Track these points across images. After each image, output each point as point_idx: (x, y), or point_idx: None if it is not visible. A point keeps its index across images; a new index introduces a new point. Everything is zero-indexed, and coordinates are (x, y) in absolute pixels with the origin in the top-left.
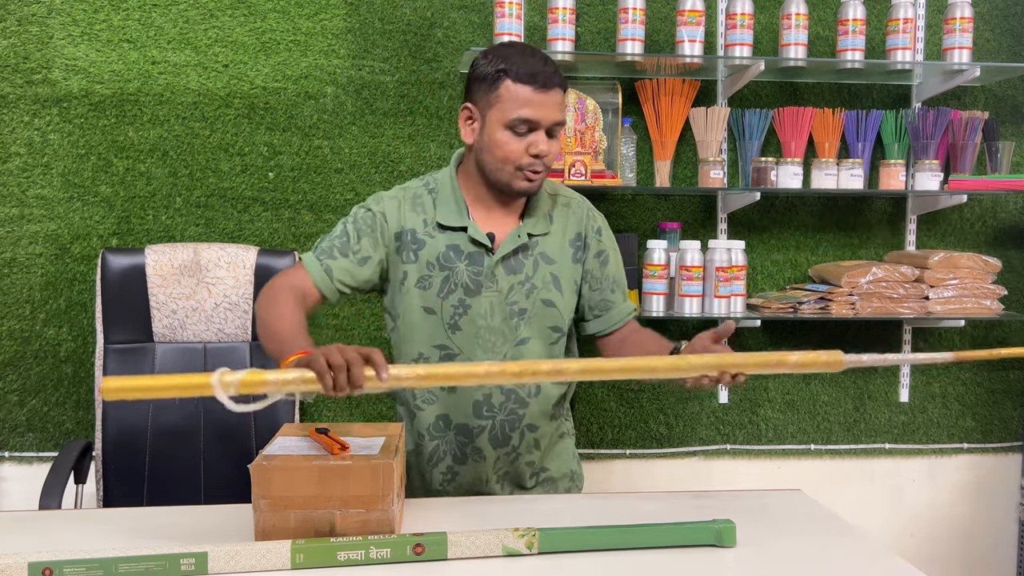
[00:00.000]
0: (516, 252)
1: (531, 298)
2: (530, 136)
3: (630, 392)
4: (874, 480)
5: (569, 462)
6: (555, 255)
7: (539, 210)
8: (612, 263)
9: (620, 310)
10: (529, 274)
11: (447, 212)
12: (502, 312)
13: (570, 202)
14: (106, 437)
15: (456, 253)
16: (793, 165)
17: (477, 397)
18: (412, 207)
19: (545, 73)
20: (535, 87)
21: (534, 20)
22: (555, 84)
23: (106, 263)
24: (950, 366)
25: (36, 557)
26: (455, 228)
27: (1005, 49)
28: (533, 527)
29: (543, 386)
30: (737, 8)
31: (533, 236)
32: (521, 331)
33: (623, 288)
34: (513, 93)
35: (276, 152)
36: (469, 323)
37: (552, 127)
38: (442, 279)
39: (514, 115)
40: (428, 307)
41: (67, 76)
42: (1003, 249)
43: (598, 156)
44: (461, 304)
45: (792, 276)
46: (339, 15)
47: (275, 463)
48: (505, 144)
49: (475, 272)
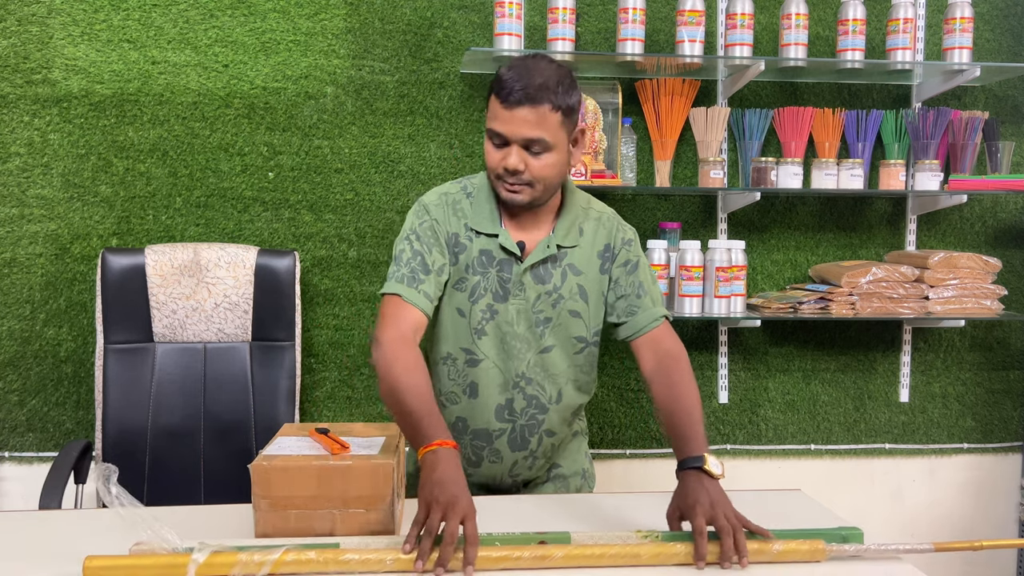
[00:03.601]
0: (545, 262)
1: (557, 308)
2: (503, 149)
3: (630, 392)
4: (874, 480)
5: (581, 460)
6: (583, 267)
7: (570, 222)
8: (641, 271)
9: (647, 314)
10: (557, 284)
11: (481, 218)
12: (527, 320)
13: (601, 216)
14: (106, 437)
15: (488, 259)
16: (793, 165)
17: (500, 401)
18: (454, 212)
19: (514, 90)
20: (501, 102)
21: (534, 20)
22: (519, 101)
23: (106, 263)
24: (950, 366)
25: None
26: (488, 234)
27: (1005, 49)
28: (656, 530)
29: (565, 394)
30: (737, 8)
31: (562, 248)
32: (545, 339)
33: (653, 296)
34: (491, 104)
35: (276, 152)
36: (495, 328)
37: (527, 144)
38: (474, 283)
39: (488, 126)
40: (460, 309)
41: (67, 76)
42: (1003, 249)
43: (598, 156)
44: (489, 309)
45: (792, 276)
46: (339, 15)
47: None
48: (488, 153)
49: (504, 279)
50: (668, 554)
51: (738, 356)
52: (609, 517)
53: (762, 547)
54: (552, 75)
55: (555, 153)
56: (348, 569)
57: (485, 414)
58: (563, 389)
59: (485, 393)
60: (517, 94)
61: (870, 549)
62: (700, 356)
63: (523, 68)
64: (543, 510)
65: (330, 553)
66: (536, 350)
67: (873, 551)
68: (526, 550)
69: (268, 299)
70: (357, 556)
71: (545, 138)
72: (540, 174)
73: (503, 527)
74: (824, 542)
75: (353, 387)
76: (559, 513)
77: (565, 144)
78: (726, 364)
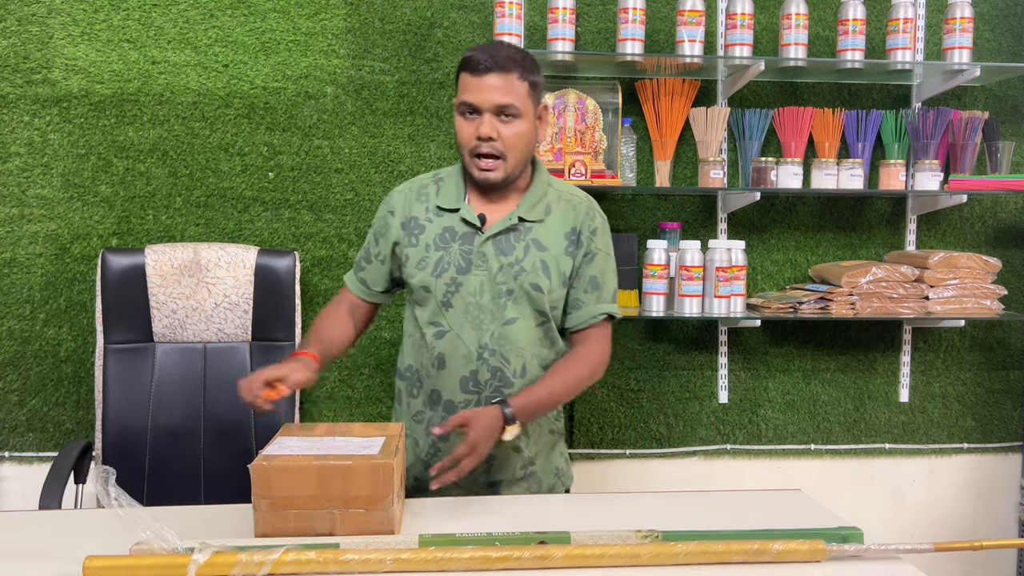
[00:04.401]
0: (507, 233)
1: (519, 280)
2: (475, 120)
3: (630, 392)
4: (874, 480)
5: (556, 459)
6: (548, 243)
7: (536, 198)
8: (597, 264)
9: (587, 311)
10: (519, 257)
11: (447, 196)
12: (491, 291)
13: (573, 199)
14: (106, 437)
15: (451, 234)
16: (793, 165)
17: (464, 373)
18: (417, 197)
19: (481, 59)
20: (470, 72)
21: (534, 20)
22: (488, 69)
23: (106, 263)
24: (950, 366)
25: None
26: (451, 210)
27: (1005, 49)
28: (656, 530)
29: (529, 368)
30: (737, 8)
31: (525, 221)
32: (508, 311)
33: (603, 293)
34: (460, 82)
35: (276, 152)
36: (460, 300)
37: (498, 110)
38: (437, 259)
39: (459, 100)
40: (426, 285)
41: (67, 76)
42: (1003, 249)
43: (598, 156)
44: (453, 282)
45: (792, 276)
46: (339, 15)
47: (275, 463)
48: (460, 129)
49: (466, 251)
50: (668, 554)
51: (738, 356)
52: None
53: (762, 547)
54: (516, 52)
55: (524, 121)
56: (348, 569)
57: (451, 385)
58: (527, 364)
59: (451, 364)
60: (486, 63)
61: (870, 549)
62: (700, 356)
63: (489, 46)
64: (543, 510)
65: (330, 553)
66: (500, 322)
67: (873, 551)
68: (526, 550)
69: (268, 299)
70: (357, 556)
71: (515, 103)
72: (512, 142)
73: (503, 527)
74: (824, 542)
75: (353, 387)
76: (559, 513)
77: (532, 116)
78: (726, 364)
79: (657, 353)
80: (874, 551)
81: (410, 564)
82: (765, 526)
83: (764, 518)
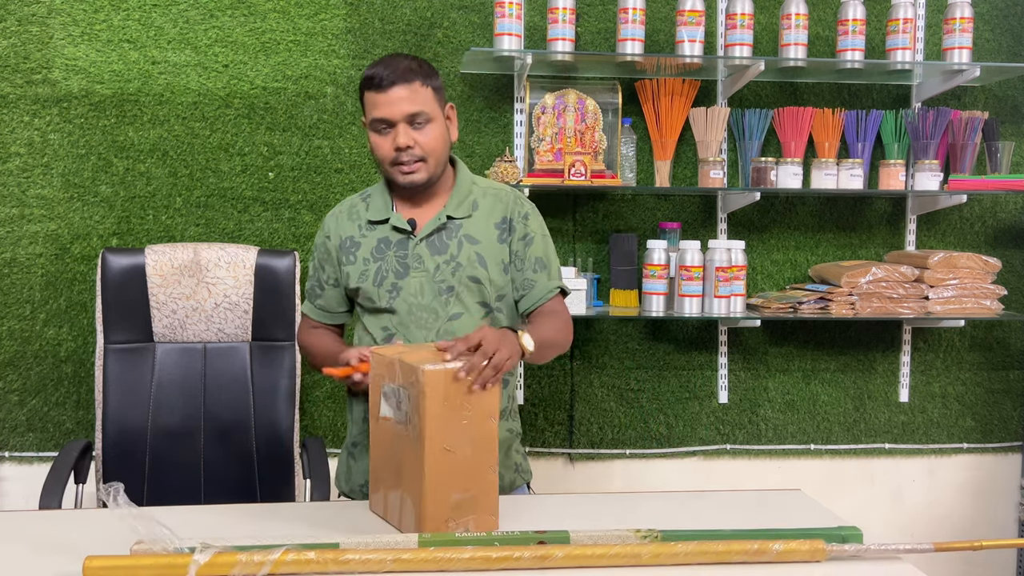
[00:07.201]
0: (439, 232)
1: (457, 275)
2: (389, 134)
3: (630, 392)
4: (874, 480)
5: (513, 456)
6: (480, 236)
7: (461, 197)
8: (537, 245)
9: (541, 287)
10: (454, 253)
11: (376, 209)
12: (432, 290)
13: (499, 192)
14: (106, 437)
15: (386, 244)
16: (793, 165)
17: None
18: (348, 217)
19: (384, 75)
20: (375, 90)
21: (534, 20)
22: (392, 83)
23: (106, 263)
24: (950, 366)
25: None
26: (381, 221)
27: (1005, 49)
28: (656, 530)
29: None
30: (737, 8)
31: (454, 219)
32: (452, 307)
33: (549, 269)
34: (366, 100)
35: (276, 152)
36: (402, 303)
37: (410, 119)
38: (376, 269)
39: (370, 118)
40: (370, 296)
41: (67, 76)
42: (1003, 249)
43: (598, 156)
44: (394, 287)
45: (792, 276)
46: (339, 15)
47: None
48: (376, 146)
49: (402, 256)
50: (668, 554)
51: (738, 356)
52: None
53: (762, 547)
54: (413, 60)
55: (436, 125)
56: (348, 569)
57: None
58: None
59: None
60: (390, 77)
61: (870, 549)
62: (700, 356)
63: (385, 61)
64: (542, 510)
65: (330, 553)
66: (445, 318)
67: (873, 551)
68: (526, 550)
69: (268, 299)
70: (357, 556)
71: (424, 110)
72: (429, 146)
73: (503, 527)
74: (824, 542)
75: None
76: (559, 513)
77: (442, 118)
78: (726, 364)
79: (657, 353)
80: (874, 551)
81: (410, 564)
82: (765, 526)
83: (764, 518)
